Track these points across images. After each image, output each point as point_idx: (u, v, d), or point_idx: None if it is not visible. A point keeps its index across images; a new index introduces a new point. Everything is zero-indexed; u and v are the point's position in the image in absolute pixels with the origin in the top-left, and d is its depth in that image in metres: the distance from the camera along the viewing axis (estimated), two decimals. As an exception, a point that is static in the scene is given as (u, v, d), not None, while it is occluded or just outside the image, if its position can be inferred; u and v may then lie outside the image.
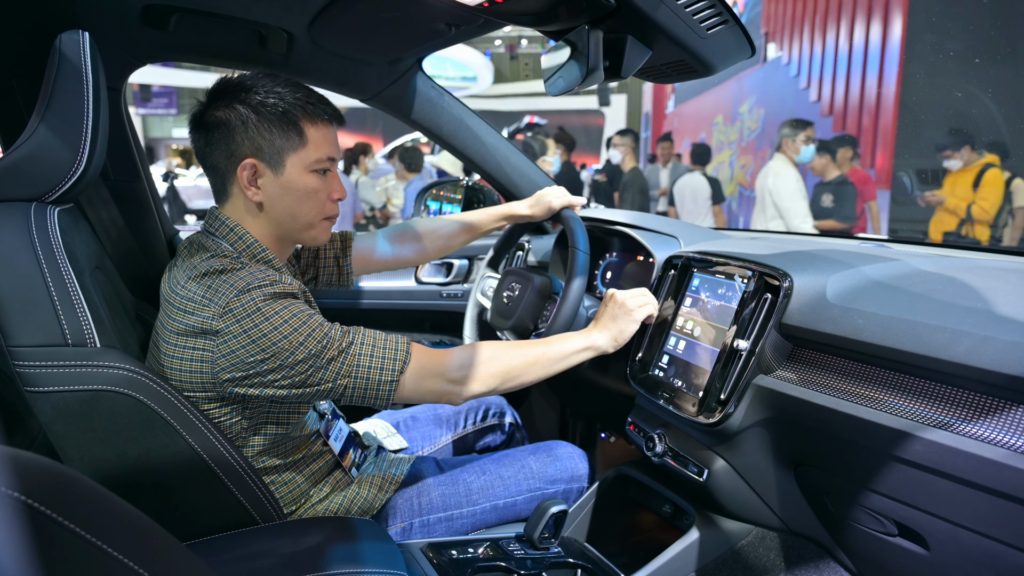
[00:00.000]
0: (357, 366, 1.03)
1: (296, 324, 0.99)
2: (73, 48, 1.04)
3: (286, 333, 0.98)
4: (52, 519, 0.40)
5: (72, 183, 1.04)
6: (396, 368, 1.05)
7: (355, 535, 1.04)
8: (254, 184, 1.08)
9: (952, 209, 4.38)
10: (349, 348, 1.03)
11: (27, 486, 0.39)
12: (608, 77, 1.07)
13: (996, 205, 4.19)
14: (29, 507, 0.39)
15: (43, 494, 0.40)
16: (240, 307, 0.97)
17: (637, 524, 1.54)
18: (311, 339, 1.00)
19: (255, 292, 0.99)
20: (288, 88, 1.08)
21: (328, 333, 1.02)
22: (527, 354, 1.17)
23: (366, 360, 1.04)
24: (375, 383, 1.04)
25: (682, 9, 0.94)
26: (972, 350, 0.84)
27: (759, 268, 1.16)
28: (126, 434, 0.96)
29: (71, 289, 0.95)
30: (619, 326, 1.27)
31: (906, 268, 1.13)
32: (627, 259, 1.71)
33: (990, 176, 4.17)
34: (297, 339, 0.99)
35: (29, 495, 0.39)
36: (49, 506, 0.40)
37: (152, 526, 0.51)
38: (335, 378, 1.02)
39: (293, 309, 1.00)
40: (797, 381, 1.06)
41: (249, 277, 1.00)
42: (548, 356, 1.19)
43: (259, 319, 0.97)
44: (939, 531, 0.92)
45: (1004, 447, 0.79)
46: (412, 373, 1.07)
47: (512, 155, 1.95)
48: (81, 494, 0.45)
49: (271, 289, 1.00)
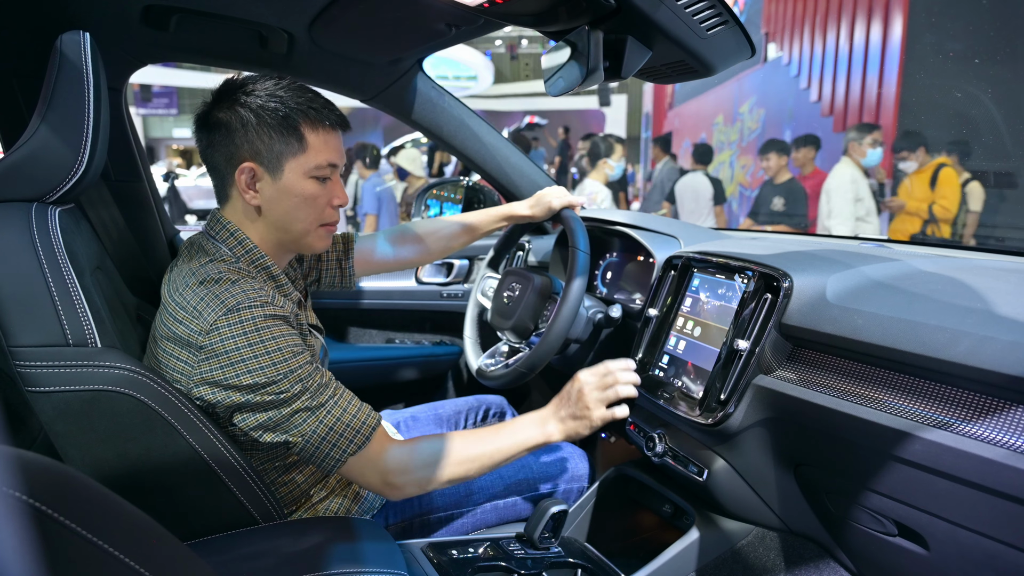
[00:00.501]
0: (314, 432, 1.00)
1: (277, 359, 0.97)
2: (74, 49, 1.04)
3: (264, 364, 0.96)
4: (53, 518, 0.40)
5: (73, 183, 1.04)
6: (349, 450, 1.03)
7: (356, 535, 1.04)
8: (252, 188, 1.07)
9: (914, 211, 4.48)
10: (317, 410, 1.01)
11: (29, 486, 0.39)
12: (608, 77, 1.08)
13: (955, 203, 4.29)
14: (31, 507, 0.39)
15: (44, 494, 0.40)
16: (227, 326, 0.96)
17: (637, 524, 1.54)
18: (286, 380, 0.97)
19: (244, 312, 0.97)
20: (292, 92, 1.06)
21: (304, 380, 1.00)
22: (476, 457, 1.12)
23: (324, 430, 1.01)
24: (323, 454, 1.02)
25: (682, 10, 0.94)
26: (972, 350, 0.84)
27: (759, 268, 1.16)
28: (127, 434, 0.96)
29: (72, 289, 0.95)
30: (574, 427, 1.19)
31: (906, 268, 1.13)
32: (627, 259, 1.71)
33: (944, 175, 4.30)
34: (273, 374, 0.97)
35: (31, 495, 0.39)
36: (50, 505, 0.40)
37: (153, 525, 0.51)
38: (291, 431, 1.00)
39: (280, 341, 0.98)
40: (797, 381, 1.06)
41: (241, 295, 0.98)
42: (495, 459, 1.14)
43: (243, 342, 0.96)
44: (939, 531, 0.92)
45: (1004, 447, 0.79)
46: (360, 459, 1.05)
47: (512, 155, 1.95)
48: (82, 494, 0.45)
49: (261, 311, 0.98)
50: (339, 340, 2.24)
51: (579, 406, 1.18)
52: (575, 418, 1.18)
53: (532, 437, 1.17)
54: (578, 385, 1.20)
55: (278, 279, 1.12)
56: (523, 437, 1.17)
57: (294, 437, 1.00)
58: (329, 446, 1.02)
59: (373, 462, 1.06)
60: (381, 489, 1.08)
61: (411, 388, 2.25)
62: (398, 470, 1.07)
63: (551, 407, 1.22)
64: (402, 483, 1.08)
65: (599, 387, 1.19)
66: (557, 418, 1.20)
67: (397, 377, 2.18)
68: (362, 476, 1.07)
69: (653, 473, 1.47)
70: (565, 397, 1.21)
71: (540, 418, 1.20)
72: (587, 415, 1.18)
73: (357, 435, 1.03)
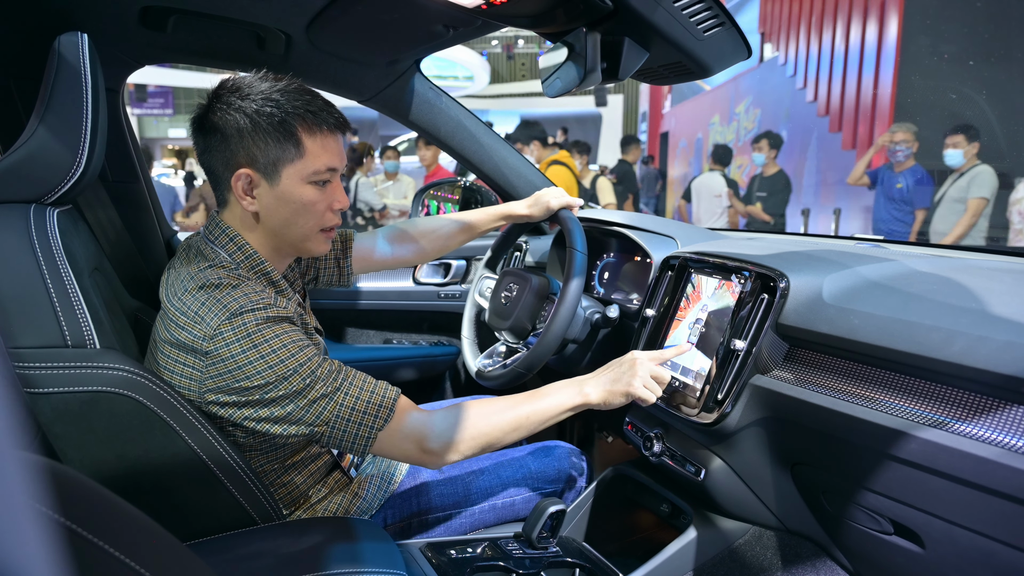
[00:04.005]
0: (337, 416, 1.00)
1: (284, 355, 0.96)
2: (72, 50, 1.04)
3: (272, 363, 0.95)
4: (52, 519, 0.40)
5: (71, 185, 1.04)
6: (376, 425, 1.02)
7: (354, 535, 1.05)
8: (249, 194, 1.05)
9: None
10: (334, 394, 1.00)
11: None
12: (606, 79, 1.08)
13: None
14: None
15: (43, 494, 0.40)
16: (230, 331, 0.95)
17: (635, 523, 1.54)
18: (296, 375, 0.97)
19: (247, 316, 0.96)
20: (288, 95, 1.03)
21: (315, 371, 0.99)
22: (511, 419, 1.10)
23: (347, 412, 1.00)
24: (351, 436, 1.01)
25: (679, 11, 0.94)
26: (967, 350, 0.84)
27: (756, 269, 1.16)
28: (126, 435, 0.96)
29: (70, 290, 0.95)
30: (612, 391, 1.15)
31: (901, 268, 1.14)
32: (624, 260, 1.72)
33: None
34: (283, 371, 0.96)
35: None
36: (49, 506, 0.40)
37: (152, 526, 0.51)
38: (314, 421, 0.99)
39: (284, 339, 0.98)
40: (794, 381, 1.07)
41: (243, 299, 0.98)
42: (533, 420, 1.12)
43: (247, 345, 0.95)
44: (934, 529, 0.93)
45: (998, 446, 0.80)
46: (390, 432, 1.03)
47: (510, 155, 1.96)
48: (81, 494, 0.46)
49: (264, 313, 0.98)
50: (337, 341, 2.24)
51: (628, 373, 1.15)
52: (615, 382, 1.15)
53: (569, 399, 1.14)
54: (633, 356, 1.18)
55: (278, 284, 1.11)
56: (560, 400, 1.14)
57: (319, 427, 1.00)
58: (356, 426, 1.00)
59: (404, 432, 1.04)
60: (420, 458, 1.06)
61: (409, 388, 2.24)
62: (432, 435, 1.05)
63: (588, 375, 1.19)
64: (439, 448, 1.06)
65: (653, 363, 1.17)
66: (596, 380, 1.16)
67: (395, 377, 2.18)
68: (398, 448, 1.05)
69: (651, 473, 1.48)
70: (614, 365, 1.18)
71: (577, 380, 1.17)
72: (631, 384, 1.14)
73: (381, 409, 1.02)
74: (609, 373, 1.17)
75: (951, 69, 5.49)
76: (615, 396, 1.14)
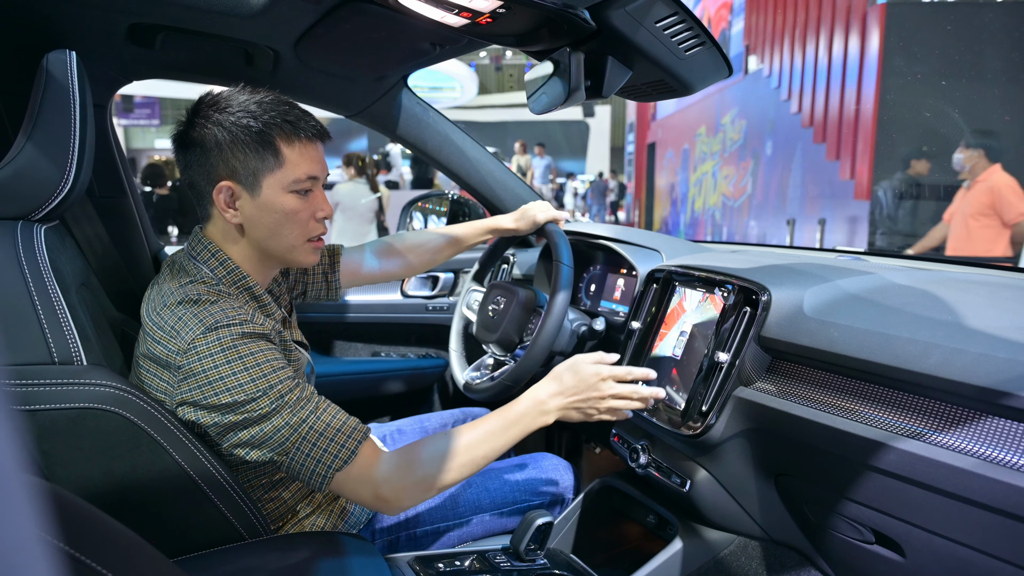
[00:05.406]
0: (298, 449, 0.98)
1: (256, 374, 0.96)
2: (60, 67, 1.04)
3: (243, 381, 0.95)
4: (51, 544, 0.40)
5: (59, 201, 1.04)
6: (334, 465, 0.99)
7: (343, 550, 1.05)
8: (232, 207, 1.05)
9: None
10: (299, 426, 0.98)
11: None
12: (590, 96, 1.10)
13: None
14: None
15: (47, 521, 0.41)
16: (204, 345, 0.95)
17: (622, 535, 1.55)
18: (265, 397, 0.96)
19: (223, 331, 0.96)
20: (265, 106, 1.03)
21: (284, 396, 0.97)
22: (469, 460, 1.06)
23: (307, 447, 0.98)
24: (308, 471, 0.99)
25: (660, 32, 0.97)
26: (943, 362, 0.86)
27: (739, 282, 1.18)
28: (113, 452, 0.96)
29: (57, 307, 0.95)
30: (576, 417, 1.12)
31: (880, 281, 1.16)
32: (610, 272, 1.73)
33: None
34: (253, 391, 0.95)
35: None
36: (50, 532, 0.41)
37: (139, 543, 0.51)
38: (276, 448, 0.97)
39: (259, 357, 0.97)
40: (776, 393, 1.08)
41: (220, 314, 0.98)
42: (491, 457, 1.09)
43: (220, 360, 0.95)
44: (914, 538, 0.95)
45: (974, 456, 0.81)
46: (349, 474, 1.00)
47: (496, 169, 1.97)
48: (68, 512, 0.46)
49: (240, 329, 0.97)
50: (325, 354, 2.24)
51: (593, 400, 1.11)
52: (578, 406, 1.11)
53: (530, 423, 1.10)
54: (598, 373, 1.11)
55: (261, 299, 1.11)
56: (518, 431, 1.10)
57: (279, 455, 0.98)
58: (314, 462, 0.98)
59: (362, 477, 1.01)
60: (375, 505, 1.03)
61: (397, 401, 2.26)
62: (390, 483, 1.02)
63: (553, 386, 1.12)
64: (396, 496, 1.02)
65: (613, 380, 1.12)
66: (557, 401, 1.11)
67: (383, 390, 2.18)
68: (354, 493, 1.02)
69: (637, 484, 1.49)
70: (577, 375, 1.11)
71: (536, 401, 1.11)
72: (595, 409, 1.11)
73: (342, 450, 0.99)
74: (573, 393, 1.11)
75: (929, 86, 5.59)
76: (575, 416, 1.13)
